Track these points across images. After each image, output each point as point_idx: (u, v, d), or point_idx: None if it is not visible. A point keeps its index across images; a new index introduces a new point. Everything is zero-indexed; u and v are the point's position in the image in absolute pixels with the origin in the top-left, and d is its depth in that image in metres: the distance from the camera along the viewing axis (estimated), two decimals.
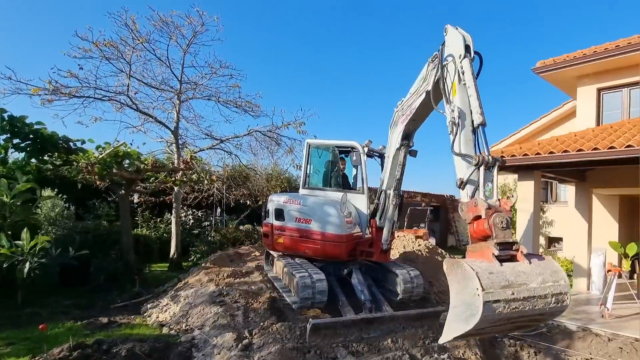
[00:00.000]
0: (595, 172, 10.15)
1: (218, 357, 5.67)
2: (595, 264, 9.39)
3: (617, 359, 5.51)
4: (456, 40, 4.13)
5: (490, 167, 3.41)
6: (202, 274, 8.67)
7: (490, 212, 3.10)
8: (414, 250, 10.42)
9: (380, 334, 6.22)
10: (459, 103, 3.89)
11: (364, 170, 7.76)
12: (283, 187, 17.80)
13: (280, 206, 8.16)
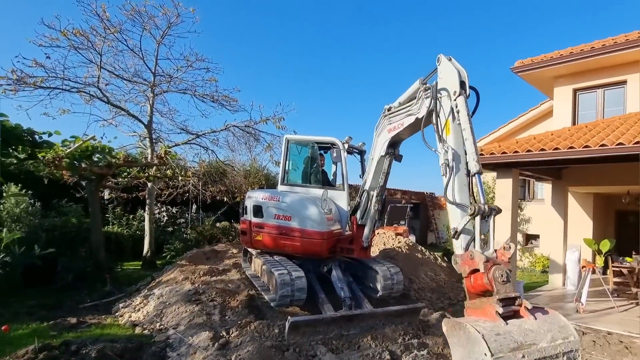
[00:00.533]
0: (570, 170, 10.52)
1: (194, 356, 5.59)
2: (570, 260, 9.76)
3: (591, 352, 5.74)
4: (451, 76, 3.92)
5: (487, 217, 3.25)
6: (177, 272, 8.53)
7: (488, 266, 2.95)
8: (394, 247, 10.55)
9: (360, 330, 6.27)
10: (452, 144, 3.72)
11: (345, 167, 7.80)
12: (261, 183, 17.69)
13: (259, 203, 8.11)
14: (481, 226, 3.20)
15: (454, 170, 3.57)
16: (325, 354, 5.63)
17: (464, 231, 3.33)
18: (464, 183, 3.57)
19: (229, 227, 13.73)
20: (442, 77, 4.11)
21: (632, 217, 12.83)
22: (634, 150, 6.47)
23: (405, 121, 5.32)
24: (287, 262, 7.56)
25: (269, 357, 5.39)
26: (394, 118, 5.72)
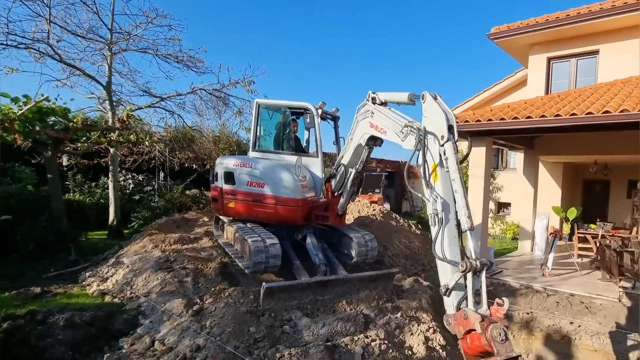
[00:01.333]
0: (542, 139, 10.94)
1: (167, 323, 5.69)
2: (538, 227, 10.34)
3: (554, 312, 6.22)
4: (438, 118, 3.74)
5: (478, 272, 3.13)
6: (146, 240, 8.47)
7: (485, 325, 2.79)
8: (369, 215, 10.82)
9: (335, 295, 6.51)
10: (441, 192, 3.55)
11: (318, 133, 7.77)
12: (232, 150, 17.47)
13: (230, 169, 8.06)
14: (473, 283, 3.09)
15: (444, 222, 3.41)
16: (300, 318, 5.84)
17: (456, 287, 3.21)
18: (454, 235, 3.42)
19: (199, 194, 13.59)
20: (427, 116, 3.93)
21: (599, 186, 13.62)
22: (602, 119, 6.78)
23: (389, 135, 5.06)
24: (260, 229, 7.63)
25: (245, 322, 5.55)
26: (378, 118, 5.42)
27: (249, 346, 5.15)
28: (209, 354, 4.80)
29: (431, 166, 3.70)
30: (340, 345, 5.07)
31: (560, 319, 5.97)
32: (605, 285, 7.20)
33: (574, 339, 5.68)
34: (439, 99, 3.90)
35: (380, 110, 5.39)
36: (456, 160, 3.50)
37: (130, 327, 5.80)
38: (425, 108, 3.99)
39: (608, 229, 9.73)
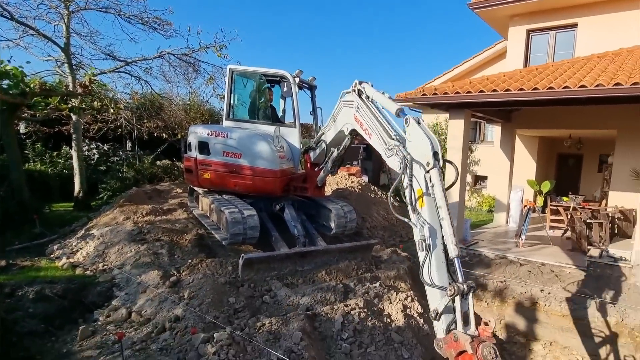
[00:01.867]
0: (520, 113, 11.26)
1: (144, 295, 5.73)
2: (514, 200, 10.79)
3: (526, 281, 6.63)
4: (422, 144, 3.74)
5: (466, 295, 3.23)
6: (117, 212, 8.35)
7: (475, 345, 2.93)
8: (347, 187, 10.98)
9: (315, 266, 6.69)
10: (428, 218, 3.59)
11: (296, 103, 7.73)
12: (204, 119, 17.13)
13: (204, 139, 7.96)
14: (461, 305, 3.19)
15: (431, 248, 3.48)
16: (280, 288, 6.00)
17: (445, 311, 3.31)
18: (441, 260, 3.49)
19: (170, 165, 13.37)
20: (411, 140, 3.94)
21: (572, 160, 14.24)
22: (578, 93, 7.04)
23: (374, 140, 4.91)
24: (237, 200, 7.65)
25: (224, 293, 5.66)
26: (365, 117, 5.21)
27: (229, 316, 5.28)
28: (189, 324, 4.90)
29: (417, 192, 3.72)
30: (321, 314, 5.27)
31: (531, 287, 6.37)
32: (575, 255, 7.69)
33: (543, 305, 6.09)
34: (422, 124, 3.90)
35: (369, 109, 5.15)
36: (442, 187, 3.53)
37: (105, 299, 5.81)
38: (409, 132, 3.99)
39: (579, 202, 10.27)
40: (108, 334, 5.03)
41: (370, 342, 4.94)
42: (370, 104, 5.20)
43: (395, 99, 10.41)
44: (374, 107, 5.13)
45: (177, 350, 4.49)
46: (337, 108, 6.21)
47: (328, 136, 6.76)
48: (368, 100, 5.27)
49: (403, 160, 3.87)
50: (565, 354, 5.70)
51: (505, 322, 6.28)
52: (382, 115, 4.92)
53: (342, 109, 6.02)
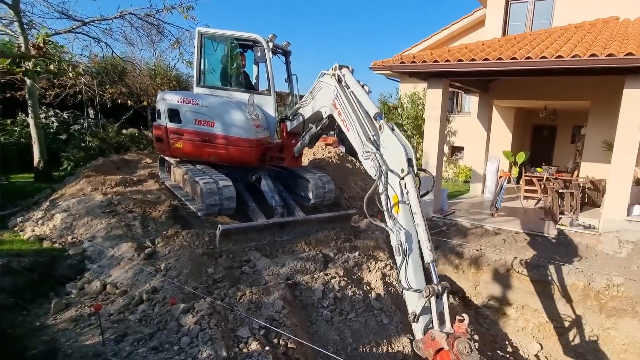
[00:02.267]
0: (497, 83, 11.52)
1: (118, 267, 5.72)
2: (489, 171, 11.19)
3: (501, 248, 6.99)
4: (396, 151, 3.83)
5: (440, 295, 3.41)
6: (83, 182, 8.16)
7: (451, 341, 3.14)
8: (324, 157, 11.06)
9: (293, 237, 6.81)
10: (404, 223, 3.69)
11: (270, 69, 7.59)
12: (172, 85, 16.63)
13: (175, 106, 7.79)
14: (437, 306, 3.36)
15: (408, 252, 3.60)
16: (259, 259, 6.11)
17: (422, 312, 3.47)
18: (418, 264, 3.61)
19: (137, 134, 13.02)
20: (386, 147, 4.00)
21: (546, 131, 14.77)
22: (555, 64, 7.26)
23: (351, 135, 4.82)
24: (211, 170, 7.60)
25: (202, 263, 5.73)
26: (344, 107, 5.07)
27: (208, 287, 5.37)
28: (167, 296, 4.95)
29: (392, 199, 3.80)
30: (301, 283, 5.43)
31: (505, 255, 6.73)
32: (547, 224, 8.13)
33: (516, 271, 6.48)
34: (396, 131, 3.98)
35: (348, 101, 5.02)
36: (417, 194, 3.63)
37: (77, 272, 5.77)
38: (383, 139, 4.06)
39: (552, 173, 10.75)
40: (83, 306, 5.04)
41: (350, 309, 5.16)
42: (349, 95, 5.05)
43: (373, 67, 10.49)
44: (353, 98, 4.97)
45: (157, 320, 4.56)
46: (316, 86, 6.06)
47: (306, 111, 6.69)
48: (348, 90, 5.11)
49: (378, 168, 3.94)
50: (536, 317, 6.13)
51: (481, 288, 6.66)
52: (361, 109, 4.77)
53: (322, 90, 5.87)
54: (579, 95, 10.25)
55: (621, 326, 5.54)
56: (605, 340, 5.64)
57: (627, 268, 6.23)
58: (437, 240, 7.37)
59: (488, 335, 5.97)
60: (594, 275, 6.01)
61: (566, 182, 9.45)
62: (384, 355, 4.64)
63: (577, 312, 5.90)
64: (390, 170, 3.83)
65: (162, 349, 4.12)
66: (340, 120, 5.20)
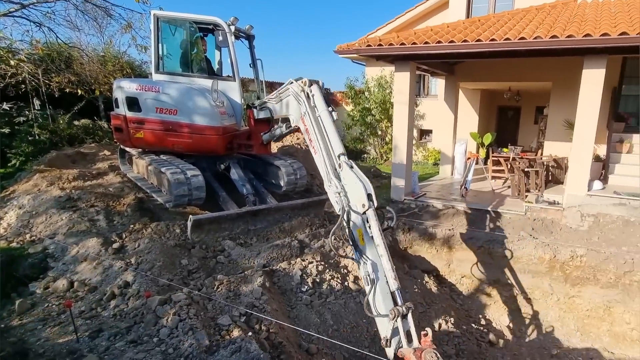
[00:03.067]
0: (462, 65, 11.97)
1: (85, 263, 5.69)
2: (458, 153, 11.69)
3: (471, 227, 7.42)
4: (356, 188, 4.05)
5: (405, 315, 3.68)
6: (37, 178, 7.94)
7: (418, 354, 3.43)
8: (293, 144, 11.20)
9: (267, 225, 6.95)
10: (369, 254, 3.94)
11: (233, 54, 7.61)
12: (126, 72, 16.16)
13: (133, 94, 7.69)
14: (403, 325, 3.63)
15: (376, 281, 3.84)
16: (234, 248, 6.23)
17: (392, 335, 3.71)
18: (386, 291, 3.85)
19: (91, 125, 12.64)
20: (346, 183, 4.22)
21: (511, 112, 15.50)
22: (519, 45, 7.68)
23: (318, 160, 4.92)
24: (177, 160, 7.58)
25: (175, 255, 5.79)
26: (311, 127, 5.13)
27: (184, 278, 5.45)
28: (141, 289, 5.00)
29: (357, 233, 4.05)
30: (279, 270, 5.61)
31: (476, 233, 7.16)
32: (514, 202, 8.66)
33: (487, 248, 6.92)
34: (355, 168, 4.22)
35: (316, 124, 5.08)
36: (378, 227, 3.88)
37: (40, 271, 5.70)
38: (343, 176, 4.30)
39: (518, 152, 11.36)
40: (51, 305, 5.01)
41: (329, 293, 5.39)
42: (318, 118, 5.12)
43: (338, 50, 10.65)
44: (322, 122, 5.01)
45: (133, 314, 4.61)
46: (285, 91, 6.13)
47: (275, 110, 6.76)
48: (316, 113, 5.17)
49: (342, 206, 4.16)
50: (507, 290, 6.61)
51: (454, 266, 7.07)
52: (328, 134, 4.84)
53: (290, 97, 5.95)
54: (541, 76, 10.84)
55: (584, 294, 6.08)
56: (570, 307, 6.17)
57: (588, 240, 6.79)
58: (411, 222, 7.72)
59: (462, 311, 6.38)
60: (559, 248, 6.52)
61: (531, 161, 10.03)
62: (364, 334, 4.91)
63: (545, 283, 6.41)
64: (352, 210, 4.07)
65: (141, 341, 4.20)
66: (308, 139, 5.29)
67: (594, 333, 5.95)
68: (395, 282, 3.81)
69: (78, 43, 14.69)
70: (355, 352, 4.64)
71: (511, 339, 6.02)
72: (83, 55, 14.73)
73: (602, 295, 5.99)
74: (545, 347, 5.86)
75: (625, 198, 7.48)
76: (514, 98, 13.93)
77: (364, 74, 17.75)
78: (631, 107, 9.93)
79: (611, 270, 6.03)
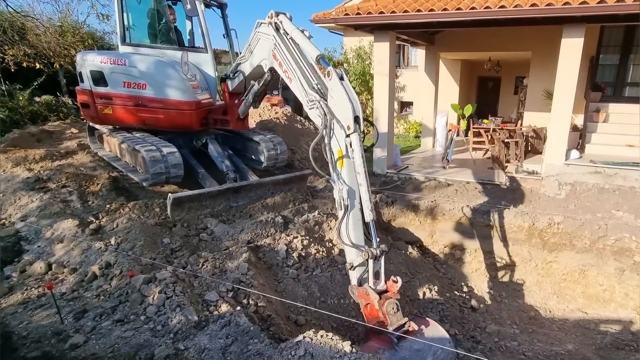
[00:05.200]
0: (442, 35, 12.15)
1: (61, 245, 5.73)
2: (439, 125, 11.99)
3: (454, 198, 7.74)
4: (344, 106, 3.87)
5: (378, 258, 3.83)
6: (1, 159, 7.81)
7: (382, 302, 3.69)
8: (272, 118, 11.25)
9: (249, 201, 7.09)
10: (347, 179, 3.91)
11: (204, 24, 7.51)
12: (88, 44, 15.70)
13: (98, 67, 7.59)
14: (374, 266, 3.85)
15: (349, 208, 3.89)
16: (216, 225, 6.36)
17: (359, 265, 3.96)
18: (358, 219, 3.95)
19: (55, 101, 12.35)
20: (333, 97, 4.02)
21: (491, 83, 15.88)
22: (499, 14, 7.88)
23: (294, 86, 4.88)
24: (151, 137, 7.56)
25: (156, 234, 5.89)
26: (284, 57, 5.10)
27: (167, 256, 5.57)
28: (124, 269, 5.10)
29: (337, 152, 3.99)
30: (264, 246, 5.79)
31: (458, 204, 7.48)
32: (495, 172, 9.04)
33: (469, 218, 7.26)
34: (345, 81, 4.01)
35: (287, 50, 5.06)
36: (361, 154, 3.83)
37: (14, 255, 5.71)
38: (330, 87, 4.09)
39: (498, 123, 11.73)
40: (29, 288, 5.06)
41: (315, 266, 5.62)
42: (289, 42, 5.11)
43: (314, 19, 10.65)
44: (293, 46, 5.03)
45: (117, 294, 4.72)
46: (253, 38, 6.07)
47: (245, 68, 6.69)
48: (287, 37, 5.16)
49: (324, 117, 4.05)
50: (488, 258, 7.00)
51: (437, 237, 7.41)
52: (303, 57, 4.86)
53: (259, 40, 5.88)
54: (521, 45, 11.13)
55: (561, 259, 6.52)
56: (548, 272, 6.61)
57: (565, 207, 7.23)
58: (394, 194, 7.98)
59: (445, 279, 6.75)
60: (538, 216, 6.91)
61: (511, 132, 10.42)
62: (351, 305, 5.17)
63: (524, 250, 6.83)
64: (337, 120, 3.94)
65: (128, 320, 4.32)
66: (282, 72, 5.24)
67: (570, 295, 6.41)
68: (372, 214, 3.86)
69: (31, 12, 14.16)
70: (343, 322, 4.91)
71: (492, 303, 6.43)
72: (38, 25, 14.23)
73: (577, 260, 6.42)
74: (524, 310, 6.29)
75: (600, 166, 7.93)
76: (494, 68, 14.27)
77: (342, 45, 17.76)
78: (608, 76, 10.34)
79: (586, 236, 6.45)
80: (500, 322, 5.95)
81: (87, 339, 4.00)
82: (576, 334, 5.80)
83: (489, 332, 5.61)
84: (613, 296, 6.22)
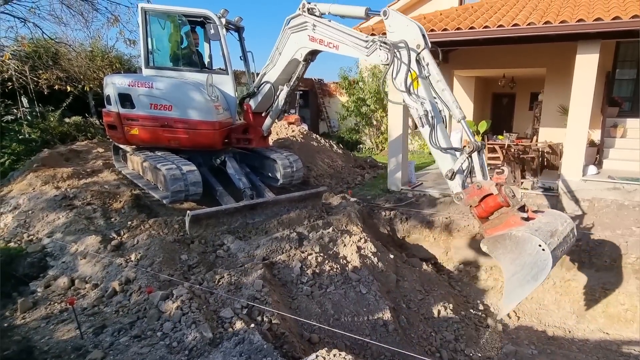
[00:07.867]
0: (456, 53, 12.07)
1: (84, 261, 5.79)
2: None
3: (468, 215, 7.55)
4: (410, 29, 4.27)
5: (480, 151, 4.07)
6: (31, 177, 8.00)
7: (499, 187, 3.84)
8: (288, 136, 11.29)
9: (265, 218, 7.07)
10: (425, 95, 4.24)
11: (225, 47, 7.67)
12: (116, 67, 16.15)
13: (126, 90, 7.74)
14: (480, 159, 4.09)
15: (436, 120, 4.21)
16: (233, 241, 6.34)
17: (459, 170, 4.18)
18: (442, 128, 4.28)
19: (83, 122, 12.66)
20: (394, 31, 4.44)
21: (506, 99, 15.65)
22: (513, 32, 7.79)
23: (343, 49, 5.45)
24: (172, 156, 7.65)
25: (174, 251, 5.90)
26: (325, 32, 5.70)
27: (184, 273, 5.57)
28: (142, 285, 5.12)
29: (410, 76, 4.33)
30: (278, 262, 5.73)
31: (473, 220, 7.30)
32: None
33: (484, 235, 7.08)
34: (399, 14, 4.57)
35: (327, 24, 5.63)
36: (436, 64, 4.23)
37: (40, 270, 5.80)
38: (389, 24, 4.52)
39: (513, 139, 11.52)
40: (52, 303, 5.11)
41: (329, 283, 5.52)
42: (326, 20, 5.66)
43: None
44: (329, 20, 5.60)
45: (135, 310, 4.73)
46: (282, 38, 6.46)
47: (272, 74, 6.97)
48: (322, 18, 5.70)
49: (391, 49, 4.40)
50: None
51: (452, 254, 7.24)
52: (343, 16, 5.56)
53: (291, 37, 6.30)
54: (535, 62, 10.97)
55: (580, 277, 6.28)
56: (566, 290, 6.37)
57: (583, 224, 6.98)
58: (408, 211, 7.86)
59: (461, 297, 6.56)
60: None
61: (526, 147, 10.20)
62: (365, 323, 5.05)
63: None
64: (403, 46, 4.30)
65: (145, 336, 4.31)
66: (326, 46, 5.77)
67: (590, 315, 6.15)
68: (461, 112, 4.30)
69: (65, 38, 14.63)
70: (357, 340, 4.79)
71: (508, 323, 6.21)
72: (70, 50, 14.70)
73: (597, 278, 6.18)
74: (543, 330, 6.06)
75: (619, 182, 7.66)
76: (508, 85, 14.07)
77: (358, 64, 17.81)
78: (625, 91, 10.09)
79: (606, 253, 6.22)
80: (517, 342, 5.73)
81: (105, 354, 4.00)
82: (597, 356, 5.54)
83: (505, 352, 5.41)
84: (635, 316, 5.93)
